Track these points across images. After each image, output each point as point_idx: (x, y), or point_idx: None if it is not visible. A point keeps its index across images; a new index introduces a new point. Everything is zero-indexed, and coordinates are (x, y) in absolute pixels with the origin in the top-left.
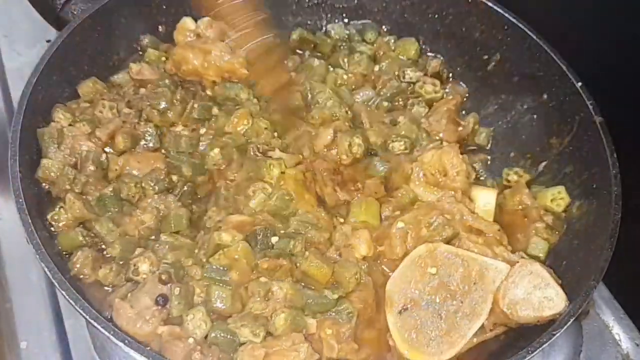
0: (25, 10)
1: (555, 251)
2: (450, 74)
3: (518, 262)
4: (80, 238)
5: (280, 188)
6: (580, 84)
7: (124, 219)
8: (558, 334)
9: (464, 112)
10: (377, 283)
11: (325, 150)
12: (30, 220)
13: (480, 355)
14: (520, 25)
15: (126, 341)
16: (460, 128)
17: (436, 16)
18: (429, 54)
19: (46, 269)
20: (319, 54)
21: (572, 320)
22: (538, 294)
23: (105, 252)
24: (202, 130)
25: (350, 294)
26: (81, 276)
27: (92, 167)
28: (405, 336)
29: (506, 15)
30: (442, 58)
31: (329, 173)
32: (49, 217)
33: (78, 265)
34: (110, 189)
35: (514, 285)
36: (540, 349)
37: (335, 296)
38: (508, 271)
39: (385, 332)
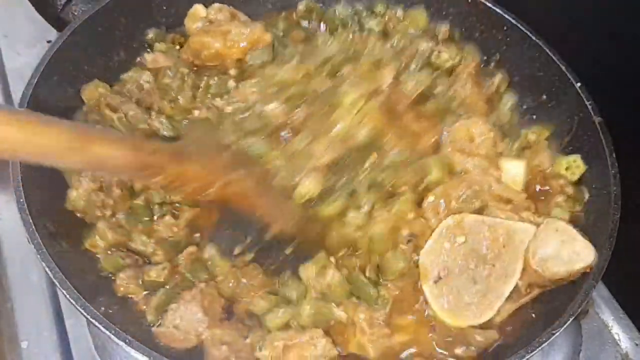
0: (25, 11)
1: None
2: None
3: (543, 222)
4: (121, 260)
5: (360, 118)
6: (579, 84)
7: (154, 227)
8: (557, 333)
9: None
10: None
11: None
12: (31, 220)
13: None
14: (520, 25)
15: (127, 340)
16: (485, 89)
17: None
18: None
19: (47, 269)
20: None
21: (571, 319)
22: (567, 249)
23: (148, 264)
24: (219, 102)
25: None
26: (129, 296)
27: (117, 191)
28: (443, 304)
29: (506, 15)
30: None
31: (407, 102)
32: (86, 244)
33: (125, 287)
34: (142, 199)
35: (543, 244)
36: (540, 348)
37: (382, 291)
38: (534, 231)
39: (423, 313)
